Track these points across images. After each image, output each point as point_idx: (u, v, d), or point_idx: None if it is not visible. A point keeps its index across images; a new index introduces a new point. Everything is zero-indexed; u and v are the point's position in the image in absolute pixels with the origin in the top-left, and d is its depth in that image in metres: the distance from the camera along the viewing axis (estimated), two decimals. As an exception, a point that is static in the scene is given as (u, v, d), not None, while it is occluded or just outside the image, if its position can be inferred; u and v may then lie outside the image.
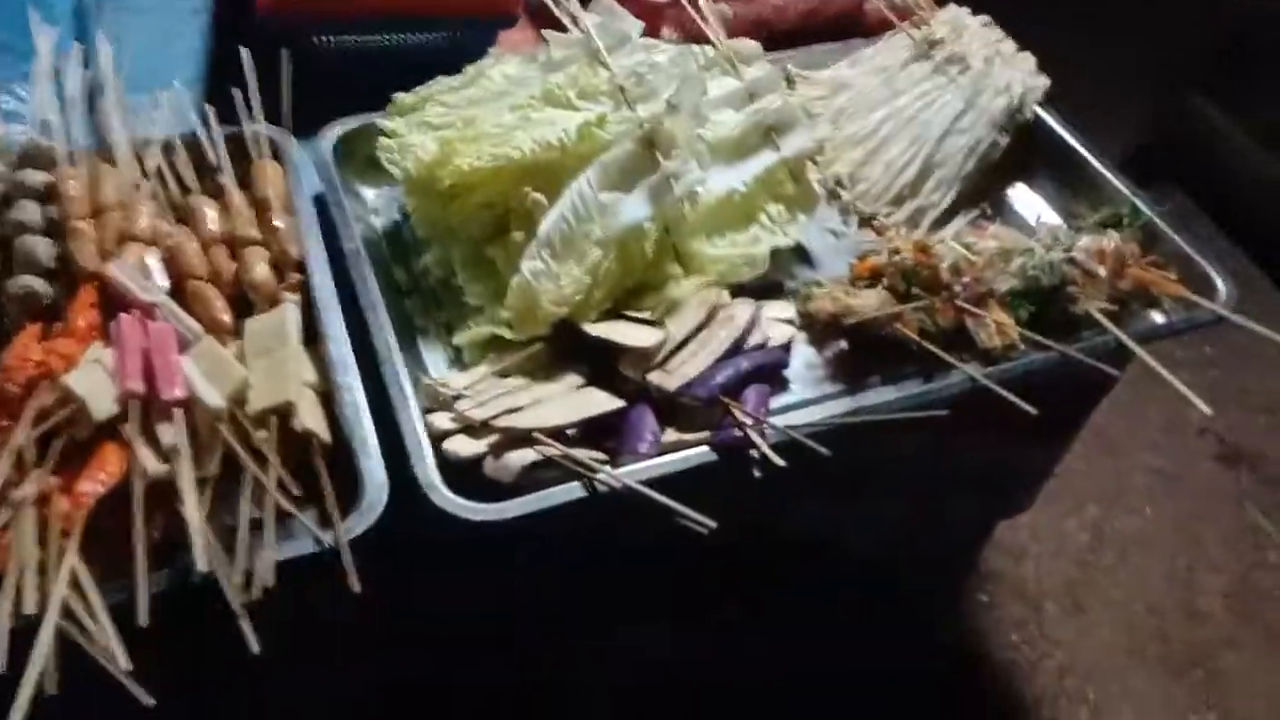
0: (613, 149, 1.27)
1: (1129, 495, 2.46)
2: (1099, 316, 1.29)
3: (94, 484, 0.98)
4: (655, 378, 1.17)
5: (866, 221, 1.51)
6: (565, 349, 1.24)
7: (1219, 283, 1.34)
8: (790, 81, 1.64)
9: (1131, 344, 1.26)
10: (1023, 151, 1.55)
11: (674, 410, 1.16)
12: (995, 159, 1.53)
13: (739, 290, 1.33)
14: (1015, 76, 1.55)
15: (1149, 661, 2.18)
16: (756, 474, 1.07)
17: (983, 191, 1.54)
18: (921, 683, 2.00)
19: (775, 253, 1.37)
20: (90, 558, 0.95)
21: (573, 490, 1.06)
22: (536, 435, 1.09)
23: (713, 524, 0.99)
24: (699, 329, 1.22)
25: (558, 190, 1.26)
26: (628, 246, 1.25)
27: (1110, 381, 1.37)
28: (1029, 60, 1.61)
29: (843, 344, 1.33)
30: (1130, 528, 2.40)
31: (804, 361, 1.32)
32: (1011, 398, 1.16)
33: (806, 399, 1.27)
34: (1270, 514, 2.46)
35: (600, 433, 1.16)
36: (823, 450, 1.07)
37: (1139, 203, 1.44)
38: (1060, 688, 2.11)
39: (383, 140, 1.36)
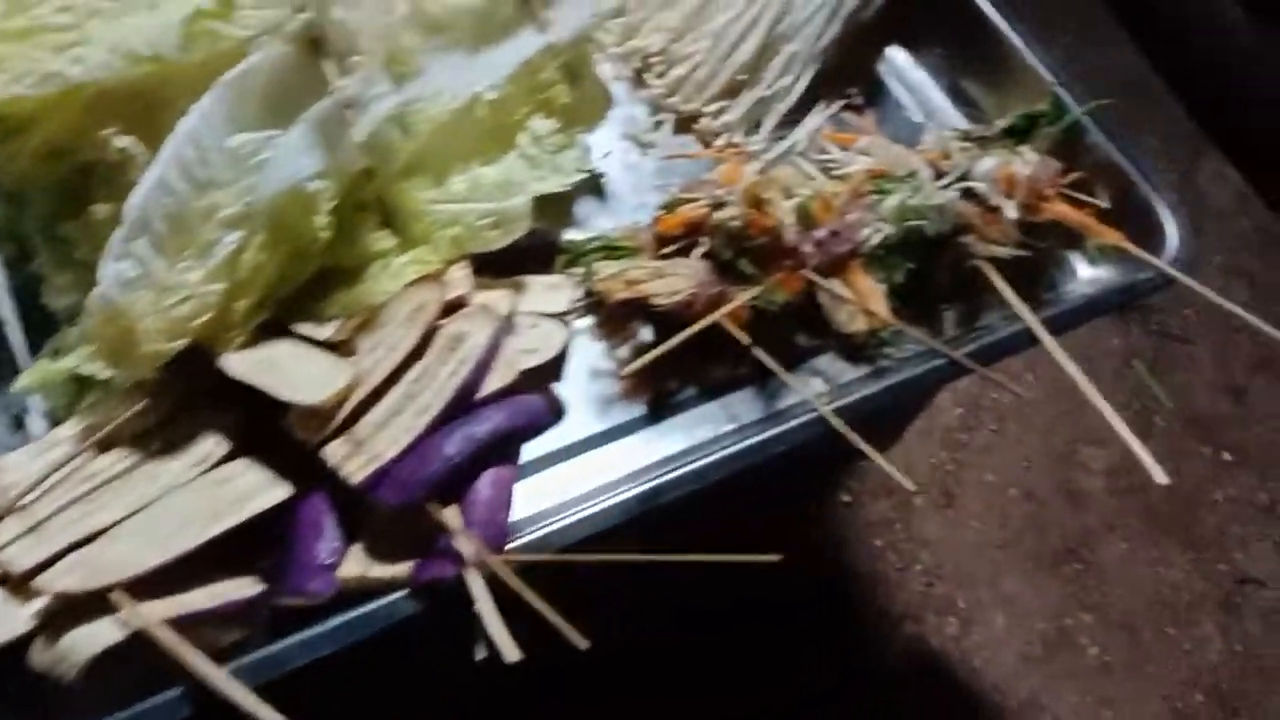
0: (250, 58, 0.76)
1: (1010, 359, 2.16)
2: (1006, 292, 0.89)
3: None
4: (334, 456, 0.73)
5: (687, 124, 1.04)
6: (203, 383, 0.78)
7: (1168, 228, 0.94)
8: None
9: (1048, 340, 0.87)
10: (904, 4, 1.08)
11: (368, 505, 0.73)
12: (868, 19, 1.06)
13: (488, 262, 0.87)
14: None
15: (1023, 556, 1.96)
16: (479, 653, 0.66)
17: (853, 69, 1.08)
18: (772, 609, 1.71)
19: (546, 196, 0.90)
20: None
21: (177, 707, 0.64)
22: (118, 598, 0.66)
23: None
24: (410, 359, 0.77)
25: (165, 130, 0.76)
26: (286, 222, 0.77)
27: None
28: None
29: (645, 334, 0.91)
30: (1008, 397, 2.11)
31: (588, 366, 0.90)
32: (873, 453, 0.77)
33: (585, 437, 0.86)
34: (1159, 373, 2.21)
35: (261, 530, 0.73)
36: (578, 639, 0.66)
37: (1063, 95, 1.00)
38: (927, 598, 1.88)
39: None
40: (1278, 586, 1.96)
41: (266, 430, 0.76)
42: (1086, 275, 0.98)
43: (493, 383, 0.76)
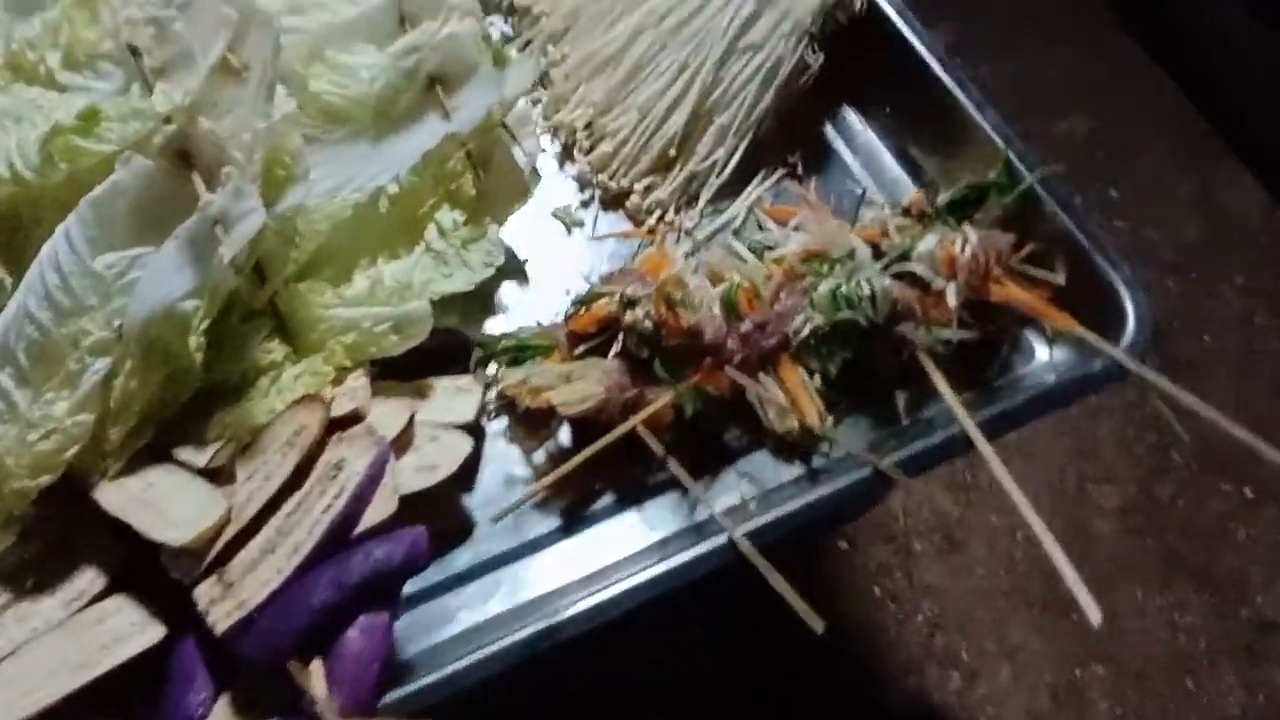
0: (115, 175, 0.72)
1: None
2: (943, 390, 0.83)
3: None
4: (204, 599, 0.69)
5: (619, 200, 0.98)
6: (85, 512, 0.74)
7: (1129, 311, 0.87)
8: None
9: (985, 448, 0.80)
10: (849, 67, 1.02)
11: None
12: (804, 87, 0.99)
13: (393, 363, 0.83)
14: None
15: (1030, 604, 1.87)
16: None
17: (790, 136, 1.02)
18: (768, 661, 1.65)
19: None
20: None
21: None
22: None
23: None
24: (288, 487, 0.73)
25: (31, 254, 0.72)
26: (158, 345, 0.73)
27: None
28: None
29: (564, 434, 0.86)
30: (1014, 437, 2.02)
31: (503, 474, 0.85)
32: (797, 604, 0.71)
33: (497, 554, 0.81)
34: (1174, 403, 2.10)
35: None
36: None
37: (1015, 160, 0.93)
38: (929, 650, 1.80)
39: None
40: (1303, 633, 1.86)
41: (149, 560, 0.72)
42: (1044, 358, 0.91)
43: (373, 514, 0.71)
